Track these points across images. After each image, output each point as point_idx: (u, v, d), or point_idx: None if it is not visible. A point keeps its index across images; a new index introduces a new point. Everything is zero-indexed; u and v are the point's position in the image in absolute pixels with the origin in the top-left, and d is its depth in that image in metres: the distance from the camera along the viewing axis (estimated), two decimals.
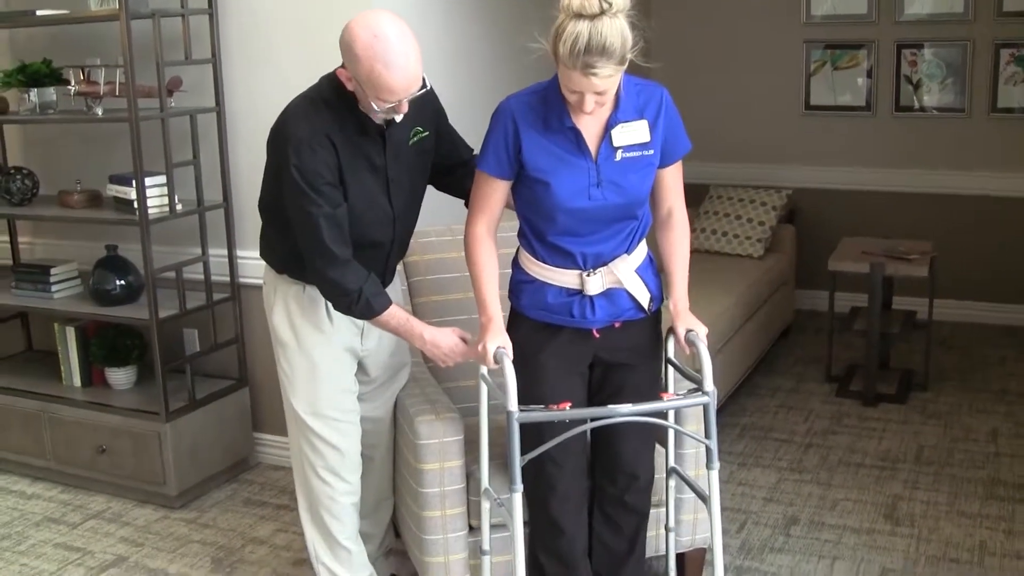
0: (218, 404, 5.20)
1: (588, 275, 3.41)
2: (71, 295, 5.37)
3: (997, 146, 7.21)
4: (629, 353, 3.56)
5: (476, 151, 3.60)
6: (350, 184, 3.45)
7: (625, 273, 3.44)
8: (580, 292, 3.43)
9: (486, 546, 3.64)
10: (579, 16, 3.05)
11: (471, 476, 3.70)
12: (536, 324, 3.49)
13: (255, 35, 4.99)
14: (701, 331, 3.46)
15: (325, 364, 3.72)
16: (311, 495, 3.86)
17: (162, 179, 4.84)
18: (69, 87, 4.98)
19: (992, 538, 4.51)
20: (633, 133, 3.35)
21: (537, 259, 3.45)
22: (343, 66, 3.35)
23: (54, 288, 5.32)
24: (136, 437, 5.01)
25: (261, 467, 5.45)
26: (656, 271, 3.61)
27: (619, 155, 3.33)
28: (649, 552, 3.91)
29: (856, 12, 7.37)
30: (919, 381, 6.32)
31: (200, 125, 5.02)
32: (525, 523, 3.52)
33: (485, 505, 3.60)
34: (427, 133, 3.64)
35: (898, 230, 7.17)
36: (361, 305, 3.48)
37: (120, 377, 5.32)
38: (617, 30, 3.08)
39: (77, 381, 5.39)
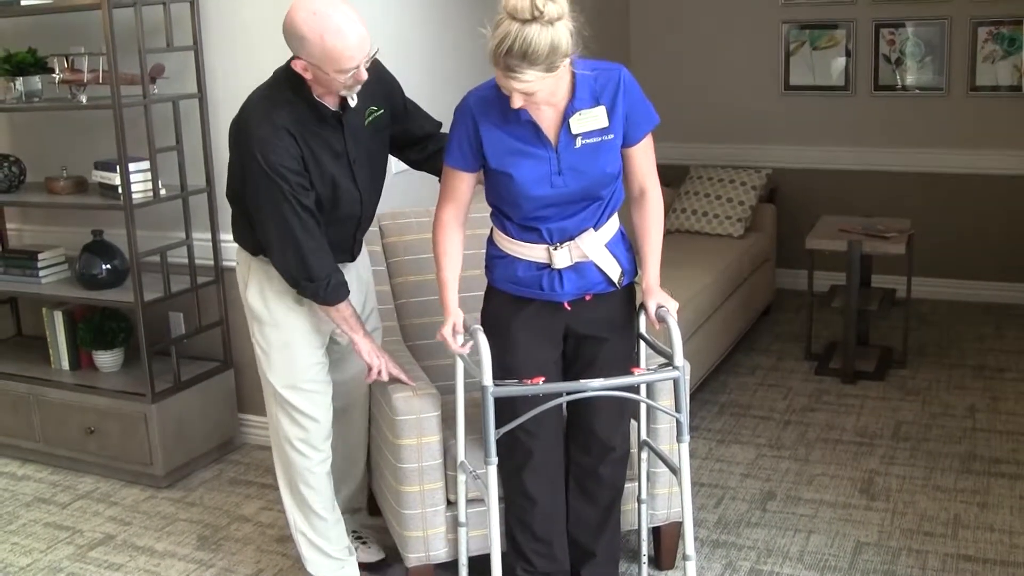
0: (203, 386, 5.26)
1: (555, 249, 3.48)
2: (58, 280, 5.43)
3: (976, 124, 7.26)
4: (601, 325, 3.62)
5: (446, 128, 3.68)
6: (314, 172, 3.55)
7: (591, 247, 3.50)
8: (549, 266, 3.50)
9: (463, 519, 3.72)
10: (512, 18, 3.10)
11: (448, 451, 3.76)
12: (508, 297, 3.58)
13: (235, 21, 5.04)
14: (672, 306, 3.54)
15: (299, 338, 3.82)
16: (289, 467, 3.97)
17: (146, 165, 4.89)
18: (54, 75, 5.01)
19: (967, 511, 4.57)
20: (591, 120, 3.39)
21: (507, 235, 3.53)
22: (295, 58, 3.45)
23: (42, 273, 5.38)
24: (123, 419, 5.07)
25: (246, 447, 5.51)
26: (629, 245, 3.67)
27: (579, 142, 3.39)
28: (625, 526, 3.99)
29: None
30: (898, 358, 6.38)
31: (183, 111, 5.07)
32: (501, 498, 3.60)
33: (461, 478, 3.68)
34: (381, 111, 3.75)
35: (878, 208, 7.21)
36: (330, 291, 3.62)
37: (107, 360, 5.38)
38: (546, 37, 3.12)
39: (65, 364, 5.45)
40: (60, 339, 5.43)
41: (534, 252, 3.51)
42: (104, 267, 5.16)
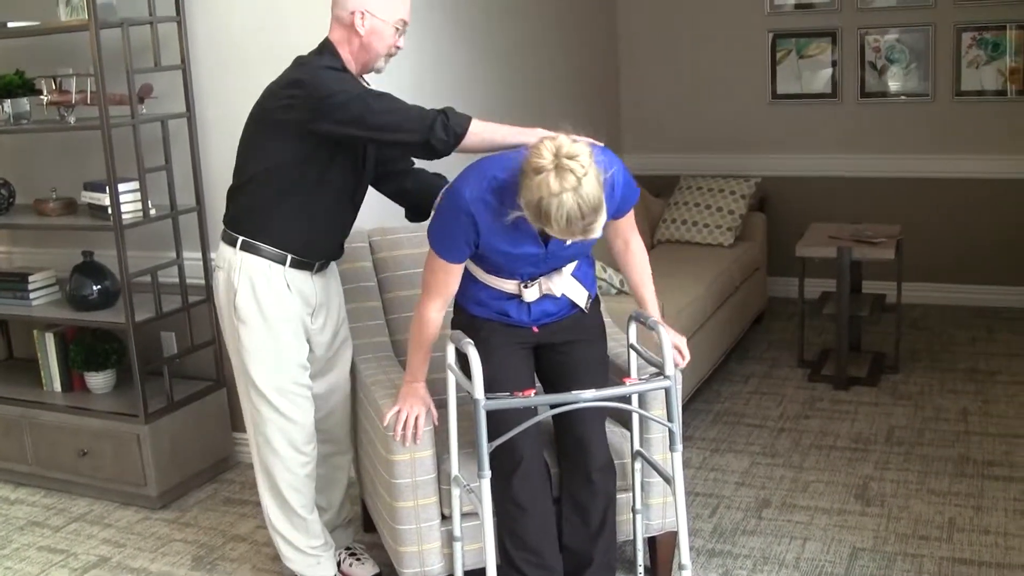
0: (196, 405, 5.26)
1: (526, 286, 3.62)
2: (49, 302, 5.43)
3: (962, 129, 7.30)
4: (569, 332, 3.74)
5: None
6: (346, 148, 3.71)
7: (559, 284, 3.64)
8: (518, 296, 3.63)
9: (457, 533, 3.72)
10: (562, 192, 3.12)
11: (442, 465, 3.77)
12: (477, 316, 3.69)
13: (223, 41, 5.05)
14: (680, 341, 3.71)
15: (286, 339, 3.87)
16: (271, 469, 4.02)
17: (135, 185, 4.90)
18: (42, 97, 5.01)
19: (961, 514, 4.58)
20: None
21: (480, 268, 3.65)
22: (351, 12, 3.59)
23: (32, 296, 5.37)
24: (116, 440, 5.06)
25: (240, 466, 5.50)
26: (591, 262, 3.82)
27: (568, 242, 3.42)
28: (620, 537, 3.98)
29: (819, 0, 7.46)
30: (890, 363, 6.40)
31: (171, 131, 5.08)
32: (495, 513, 3.60)
33: (455, 492, 3.68)
34: None
35: (867, 215, 7.24)
36: (453, 124, 3.60)
37: (99, 381, 5.37)
38: (596, 183, 3.17)
39: (57, 386, 5.44)
40: (52, 361, 5.42)
41: (505, 285, 3.64)
42: (95, 288, 5.16)
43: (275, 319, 3.84)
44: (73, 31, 4.88)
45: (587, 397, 3.31)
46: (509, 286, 3.62)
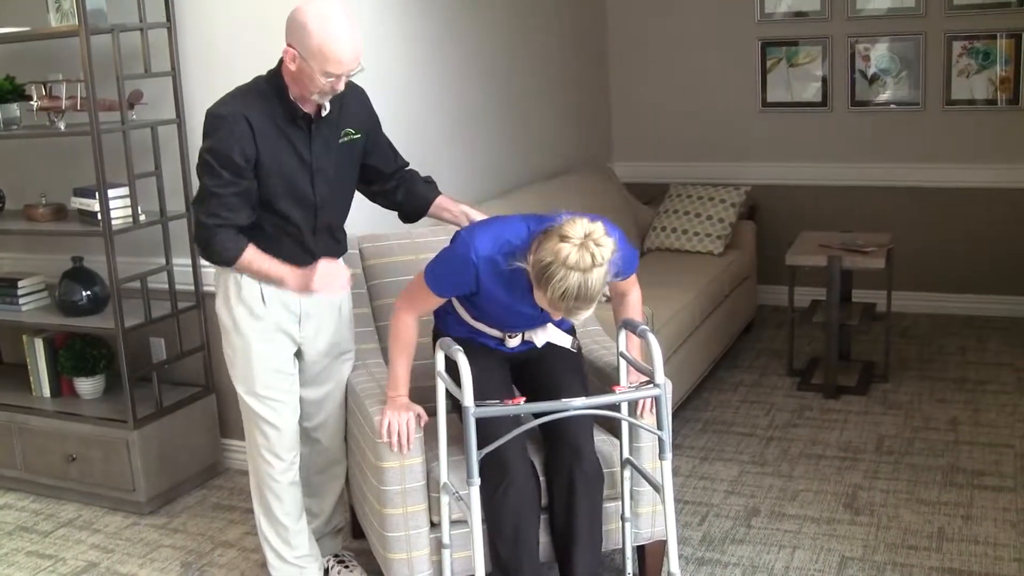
0: (185, 411, 5.25)
1: (510, 336, 3.83)
2: (39, 307, 5.42)
3: (952, 138, 7.30)
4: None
5: (416, 158, 3.82)
6: (268, 164, 3.68)
7: (543, 336, 3.84)
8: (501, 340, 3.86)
9: (447, 540, 3.72)
10: (572, 268, 3.21)
11: (431, 473, 3.76)
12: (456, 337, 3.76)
13: (213, 47, 5.05)
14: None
15: (258, 346, 3.89)
16: (257, 475, 4.08)
17: (125, 191, 4.90)
18: (32, 103, 5.01)
19: (950, 524, 4.58)
20: None
21: (469, 313, 3.76)
22: (289, 45, 3.57)
23: (22, 301, 5.36)
24: (105, 445, 5.05)
25: (229, 472, 5.49)
26: None
27: None
28: (609, 545, 3.99)
29: (810, 9, 7.46)
30: (880, 372, 6.40)
31: (161, 137, 5.08)
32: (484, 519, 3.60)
33: (444, 499, 3.68)
34: (358, 136, 3.91)
35: (857, 223, 7.23)
36: (219, 250, 3.71)
37: (88, 387, 5.36)
38: (602, 278, 3.26)
39: (46, 392, 5.43)
40: (41, 366, 5.41)
41: (489, 331, 3.82)
42: (84, 294, 5.15)
43: (247, 326, 3.88)
44: (63, 37, 4.87)
45: (577, 405, 3.32)
46: (493, 332, 3.80)
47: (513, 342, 3.83)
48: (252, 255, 3.73)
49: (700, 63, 7.86)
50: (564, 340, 3.84)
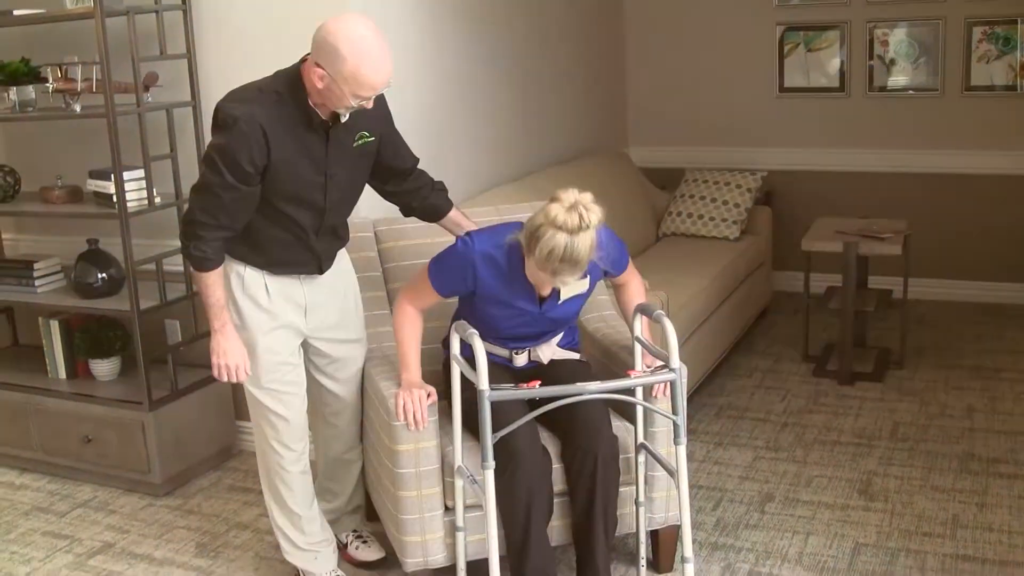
0: (201, 393, 5.26)
1: (516, 353, 3.97)
2: (54, 289, 5.43)
3: (971, 124, 7.26)
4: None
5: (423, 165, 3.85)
6: (281, 171, 3.60)
7: (548, 353, 4.00)
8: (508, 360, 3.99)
9: (460, 524, 3.73)
10: (559, 229, 3.37)
11: (445, 456, 3.77)
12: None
13: (229, 29, 5.04)
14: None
15: (262, 338, 3.86)
16: (266, 464, 4.06)
17: (140, 173, 4.90)
18: (47, 85, 5.01)
19: (965, 511, 4.57)
20: (576, 286, 3.78)
21: (471, 325, 3.74)
22: (317, 64, 3.46)
23: (38, 283, 5.37)
24: (121, 427, 5.07)
25: (244, 454, 5.50)
26: (576, 330, 4.17)
27: (560, 300, 3.76)
28: (623, 529, 3.99)
29: None
30: (895, 359, 6.38)
31: (176, 119, 5.08)
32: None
33: (459, 483, 3.69)
34: (372, 138, 3.83)
35: (874, 210, 7.20)
36: (196, 258, 3.68)
37: (104, 368, 5.38)
38: (588, 243, 3.42)
39: (62, 373, 5.45)
40: (57, 348, 5.43)
41: (496, 349, 3.94)
42: (100, 276, 5.16)
43: (251, 318, 3.85)
44: (79, 19, 4.87)
45: (592, 389, 3.32)
46: (501, 351, 3.90)
47: (520, 359, 3.94)
48: (217, 278, 3.72)
49: (717, 47, 7.83)
50: (570, 357, 4.00)
